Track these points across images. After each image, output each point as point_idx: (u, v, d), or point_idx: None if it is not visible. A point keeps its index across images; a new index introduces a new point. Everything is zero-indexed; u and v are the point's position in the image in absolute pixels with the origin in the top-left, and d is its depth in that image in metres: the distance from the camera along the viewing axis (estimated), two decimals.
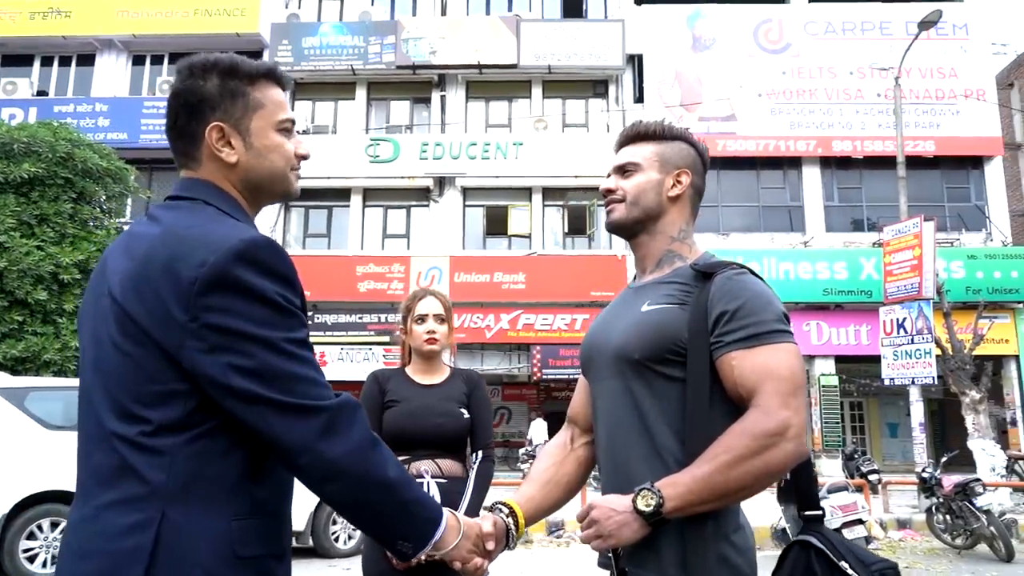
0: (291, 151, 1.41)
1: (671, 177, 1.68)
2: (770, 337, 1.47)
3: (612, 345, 1.61)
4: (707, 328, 1.49)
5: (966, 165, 18.54)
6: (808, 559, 1.48)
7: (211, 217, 1.30)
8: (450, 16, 19.61)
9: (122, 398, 1.21)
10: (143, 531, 1.16)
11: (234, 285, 1.19)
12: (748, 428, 1.40)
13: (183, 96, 1.35)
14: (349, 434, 1.24)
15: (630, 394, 1.56)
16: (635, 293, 1.68)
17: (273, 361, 1.20)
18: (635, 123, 1.75)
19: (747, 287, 1.52)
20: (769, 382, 1.42)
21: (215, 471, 1.21)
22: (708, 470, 1.39)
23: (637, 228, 1.69)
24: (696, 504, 1.40)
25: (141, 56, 19.84)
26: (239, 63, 1.37)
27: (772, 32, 18.95)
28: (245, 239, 1.22)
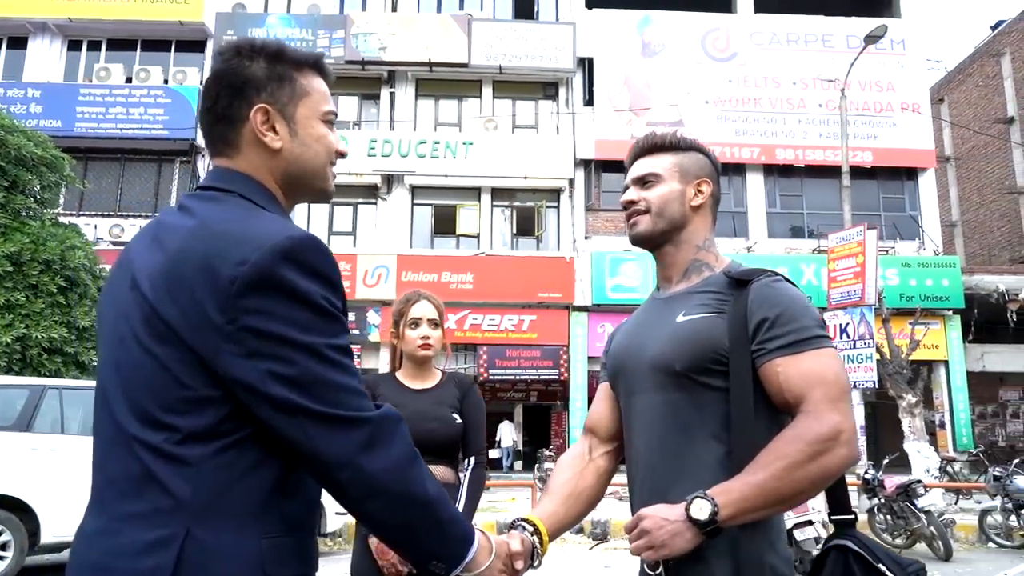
0: (333, 145, 1.34)
1: (692, 187, 1.68)
2: (813, 343, 1.46)
3: (648, 357, 1.59)
4: (747, 336, 1.48)
5: (901, 176, 19.20)
6: (847, 562, 1.47)
7: (250, 212, 1.20)
8: (401, 12, 19.42)
9: (146, 402, 1.11)
10: (165, 549, 1.06)
11: (277, 286, 1.10)
12: (801, 434, 1.39)
13: (226, 77, 1.26)
14: (390, 448, 1.15)
15: (671, 406, 1.54)
16: (665, 304, 1.66)
17: (315, 369, 1.11)
18: (649, 135, 1.75)
19: (785, 293, 1.52)
20: (817, 387, 1.42)
21: (245, 484, 1.11)
22: (763, 477, 1.37)
23: (662, 239, 1.68)
24: (750, 511, 1.38)
25: (77, 41, 19.11)
26: (286, 48, 1.30)
27: (719, 40, 19.30)
28: (291, 236, 1.13)
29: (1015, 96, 23.30)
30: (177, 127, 17.86)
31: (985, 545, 9.79)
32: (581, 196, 18.69)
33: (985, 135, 23.05)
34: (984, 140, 23.80)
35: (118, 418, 1.13)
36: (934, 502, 9.41)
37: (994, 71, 24.22)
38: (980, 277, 18.14)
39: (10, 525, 6.64)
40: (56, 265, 10.79)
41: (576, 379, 17.74)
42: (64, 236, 11.27)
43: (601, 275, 17.80)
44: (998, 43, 24.28)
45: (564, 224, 18.69)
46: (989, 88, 24.38)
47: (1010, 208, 23.39)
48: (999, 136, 23.04)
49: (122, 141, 18.03)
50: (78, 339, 10.92)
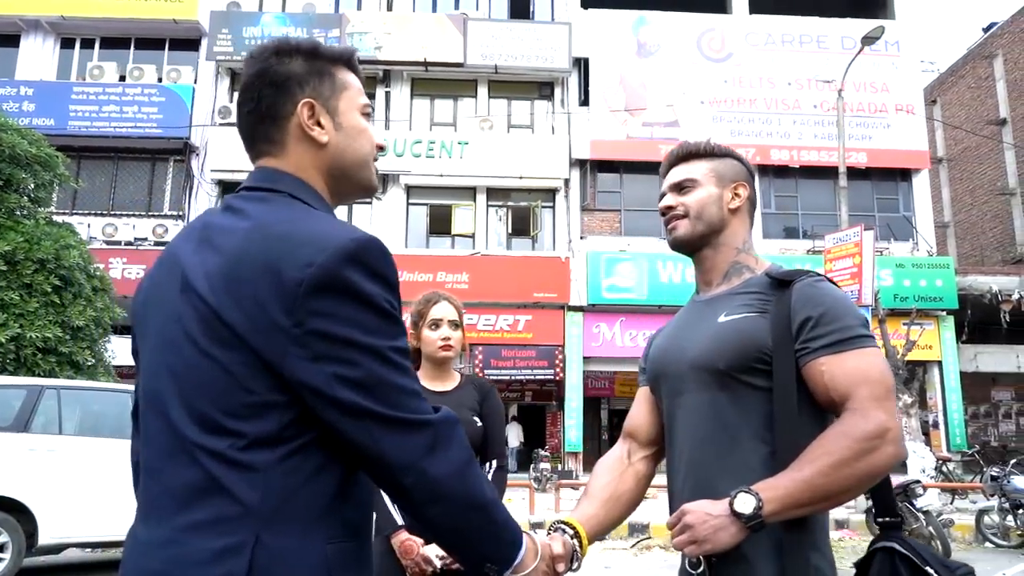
0: (373, 138, 1.34)
1: (729, 190, 1.71)
2: (857, 342, 1.47)
3: (691, 357, 1.60)
4: (791, 335, 1.50)
5: (895, 177, 19.26)
6: (893, 564, 1.47)
7: (306, 212, 1.20)
8: (396, 12, 19.37)
9: (207, 408, 1.09)
10: (235, 557, 1.04)
11: (343, 288, 1.09)
12: (848, 431, 1.39)
13: (267, 75, 1.26)
14: (451, 452, 1.14)
15: (714, 406, 1.55)
16: (705, 306, 1.68)
17: (380, 371, 1.10)
18: (683, 143, 1.78)
19: (828, 293, 1.53)
20: (863, 386, 1.42)
21: (309, 490, 1.10)
22: (809, 473, 1.37)
23: (702, 243, 1.70)
24: (794, 507, 1.38)
25: (70, 39, 18.96)
26: (321, 45, 1.30)
27: (714, 41, 19.32)
28: (355, 238, 1.12)
29: (1007, 98, 23.43)
30: (171, 126, 17.77)
31: (982, 545, 9.84)
32: (576, 196, 18.68)
33: (978, 135, 23.17)
34: (976, 141, 23.93)
35: (176, 425, 1.11)
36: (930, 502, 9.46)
37: (986, 73, 24.35)
38: (973, 278, 18.23)
39: (7, 527, 6.58)
40: (50, 264, 10.71)
41: (571, 379, 17.73)
42: (58, 235, 11.19)
43: (596, 275, 17.79)
44: (990, 45, 24.41)
45: (559, 224, 18.68)
46: (981, 90, 24.51)
47: (1002, 209, 23.52)
48: (991, 137, 23.16)
49: (115, 140, 17.90)
50: (72, 339, 10.84)
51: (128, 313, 1.33)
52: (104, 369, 11.72)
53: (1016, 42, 23.29)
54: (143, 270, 16.91)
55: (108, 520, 7.03)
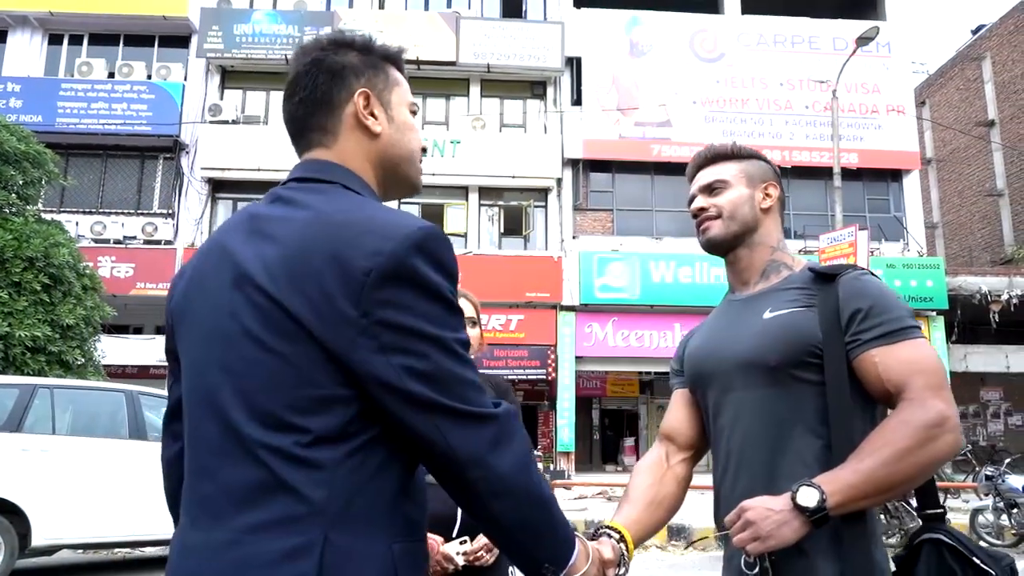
0: (420, 136, 1.34)
1: (760, 190, 1.71)
2: (908, 332, 1.47)
3: (738, 355, 1.59)
4: (840, 328, 1.49)
5: (886, 178, 19.35)
6: (941, 555, 1.47)
7: (365, 202, 1.17)
8: (388, 10, 19.30)
9: (270, 404, 1.05)
10: (305, 557, 1.00)
11: (411, 278, 1.06)
12: (908, 420, 1.38)
13: (324, 63, 1.25)
14: (514, 446, 1.11)
15: (765, 402, 1.54)
16: (745, 304, 1.67)
17: (447, 364, 1.08)
18: (710, 146, 1.78)
19: (875, 286, 1.53)
20: (918, 376, 1.42)
21: (374, 488, 1.07)
22: (871, 464, 1.36)
23: (736, 243, 1.70)
24: (858, 499, 1.36)
25: (58, 35, 18.75)
26: (373, 40, 1.31)
27: (707, 41, 19.34)
28: (422, 227, 1.10)
29: (995, 99, 23.60)
30: (161, 123, 17.61)
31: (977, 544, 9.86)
32: (569, 196, 18.65)
33: (968, 135, 23.33)
34: (965, 143, 24.09)
35: (235, 423, 1.07)
36: None
37: (975, 75, 24.51)
38: (963, 278, 18.32)
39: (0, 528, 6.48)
40: (40, 262, 10.60)
41: (563, 379, 17.71)
42: (48, 233, 11.08)
43: (589, 275, 17.77)
44: (979, 47, 24.58)
45: (552, 224, 18.65)
46: (970, 91, 24.68)
47: (990, 210, 23.69)
48: (980, 138, 23.32)
49: (104, 137, 17.72)
50: (62, 337, 10.74)
51: (166, 310, 1.28)
52: (94, 368, 11.61)
53: (1004, 44, 23.46)
54: (132, 269, 16.77)
55: (102, 521, 6.94)
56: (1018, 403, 20.88)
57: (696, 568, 7.78)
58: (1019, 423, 20.90)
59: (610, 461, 21.94)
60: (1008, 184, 23.08)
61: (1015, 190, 22.81)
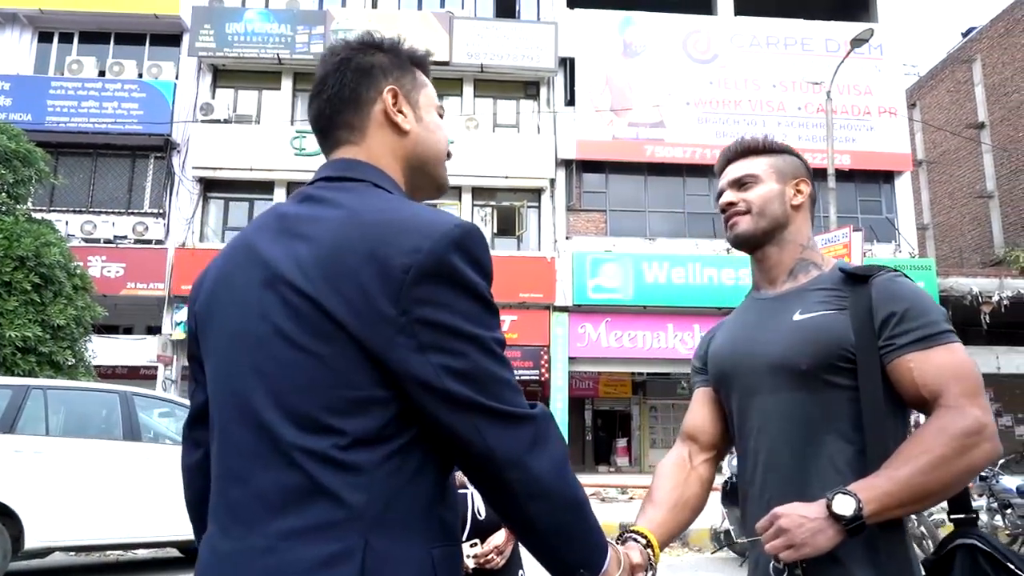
0: (447, 138, 1.34)
1: (791, 186, 1.67)
2: (943, 337, 1.44)
3: (769, 357, 1.55)
4: (874, 332, 1.46)
5: (878, 179, 19.44)
6: (975, 561, 1.43)
7: (399, 200, 1.15)
8: (381, 9, 19.24)
9: (307, 406, 1.03)
10: (346, 562, 0.98)
11: (450, 276, 1.05)
12: (946, 427, 1.36)
13: (354, 61, 1.25)
14: (551, 447, 1.09)
15: (796, 407, 1.50)
16: (773, 304, 1.63)
17: (485, 363, 1.06)
18: (740, 140, 1.74)
19: (909, 289, 1.50)
20: (954, 382, 1.40)
21: (412, 491, 1.06)
22: (908, 472, 1.33)
23: (765, 239, 1.66)
24: (894, 508, 1.34)
25: (48, 33, 18.60)
26: (401, 43, 1.31)
27: (700, 42, 19.38)
28: (459, 225, 1.08)
29: (985, 101, 23.74)
30: (152, 122, 17.50)
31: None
32: (562, 196, 18.65)
33: (960, 137, 23.46)
34: (955, 145, 24.22)
35: (269, 425, 1.04)
36: None
37: (965, 77, 24.65)
38: (954, 280, 18.41)
39: None
40: (30, 262, 10.48)
41: (556, 380, 17.69)
42: (38, 232, 10.96)
43: (582, 275, 17.77)
44: (969, 49, 24.71)
45: (545, 224, 18.63)
46: (960, 93, 24.81)
47: (980, 212, 23.82)
48: (971, 139, 23.46)
49: (95, 136, 17.60)
50: (53, 338, 10.62)
51: (189, 313, 1.25)
52: (85, 369, 11.49)
53: (995, 47, 23.61)
54: (123, 268, 16.65)
55: (96, 523, 6.87)
56: (1009, 404, 21.00)
57: (693, 569, 7.77)
58: (1010, 424, 21.03)
59: (603, 462, 21.94)
60: (998, 186, 23.22)
61: (1005, 192, 22.95)
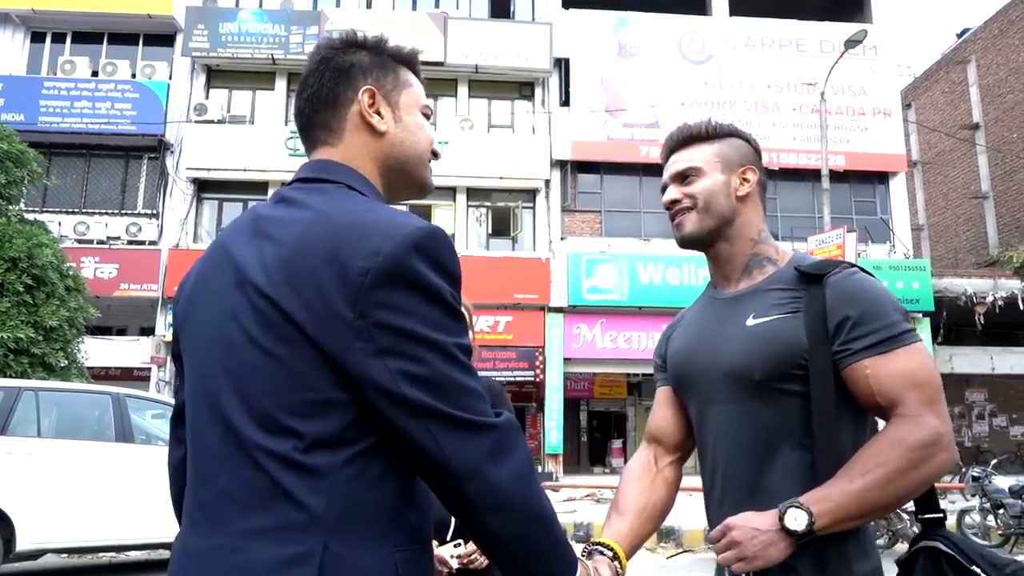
0: (432, 138, 1.31)
1: (737, 176, 1.58)
2: (902, 339, 1.38)
3: (723, 365, 1.50)
4: (827, 336, 1.39)
5: (872, 180, 19.46)
6: (938, 565, 1.39)
7: (368, 202, 1.14)
8: (375, 10, 19.21)
9: (269, 407, 1.02)
10: (303, 566, 0.98)
11: (411, 280, 1.03)
12: (902, 439, 1.31)
13: (332, 61, 1.24)
14: (514, 458, 1.06)
15: (750, 416, 1.46)
16: (728, 305, 1.56)
17: (445, 369, 1.04)
18: (682, 127, 1.65)
19: (865, 287, 1.42)
20: (912, 390, 1.34)
21: (374, 495, 1.04)
22: (861, 485, 1.30)
23: (713, 237, 1.57)
24: (846, 520, 1.31)
25: (41, 33, 18.52)
26: (385, 41, 1.29)
27: (695, 43, 19.39)
28: (422, 228, 1.06)
29: (980, 102, 23.81)
30: (145, 123, 17.43)
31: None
32: (557, 197, 18.63)
33: (954, 138, 23.51)
34: (950, 146, 24.28)
35: (235, 426, 1.04)
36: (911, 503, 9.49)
37: (960, 78, 24.72)
38: (949, 280, 18.44)
39: None
40: (23, 263, 10.44)
41: (551, 381, 17.67)
42: (31, 233, 10.92)
43: (577, 276, 17.75)
44: (964, 50, 24.79)
45: (540, 225, 18.62)
46: (955, 94, 24.88)
47: (975, 212, 23.89)
48: (965, 140, 23.51)
49: (88, 136, 17.54)
50: (45, 339, 10.57)
51: (173, 313, 1.24)
52: (77, 370, 11.44)
53: (989, 48, 23.67)
54: (116, 269, 16.58)
55: (88, 525, 6.83)
56: (1003, 404, 21.07)
57: (686, 571, 7.76)
58: (1004, 424, 21.09)
59: (598, 463, 21.91)
60: (992, 187, 23.28)
61: (999, 193, 23.01)
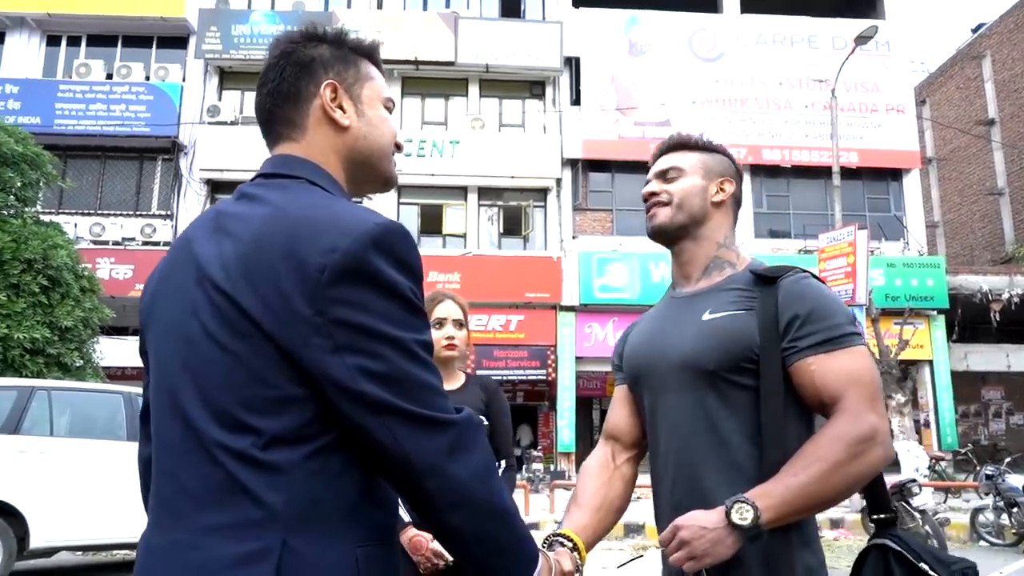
0: (395, 131, 1.31)
1: (715, 184, 1.69)
2: (846, 340, 1.46)
3: (677, 356, 1.57)
4: (778, 333, 1.48)
5: (886, 177, 19.32)
6: (887, 562, 1.45)
7: (327, 198, 1.14)
8: (386, 10, 19.28)
9: (227, 403, 1.03)
10: (261, 562, 0.98)
11: (368, 276, 1.03)
12: (841, 435, 1.38)
13: (293, 55, 1.24)
14: (474, 454, 1.07)
15: (701, 406, 1.53)
16: (686, 302, 1.65)
17: (404, 366, 1.04)
18: (675, 134, 1.77)
19: (815, 290, 1.51)
20: (853, 388, 1.42)
21: (335, 492, 1.04)
22: (803, 479, 1.36)
23: (681, 233, 1.68)
24: (790, 514, 1.37)
25: (56, 36, 18.72)
26: (346, 34, 1.30)
27: (706, 41, 19.32)
28: (380, 223, 1.07)
29: (995, 98, 23.58)
30: (159, 124, 17.59)
31: (977, 544, 9.85)
32: (568, 196, 18.63)
33: (969, 134, 23.31)
34: (965, 142, 24.07)
35: (194, 422, 1.05)
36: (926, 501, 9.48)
37: (975, 73, 24.49)
38: (964, 277, 18.29)
39: None
40: (38, 264, 10.57)
41: (563, 379, 17.68)
42: (46, 235, 11.05)
43: (588, 275, 17.75)
44: (979, 46, 24.55)
45: (551, 224, 18.63)
46: (970, 90, 24.65)
47: (991, 209, 23.67)
48: (981, 136, 23.30)
49: (103, 138, 17.70)
50: (60, 340, 10.70)
51: (138, 311, 1.26)
52: (93, 370, 11.58)
53: (1004, 43, 23.44)
54: (131, 270, 16.73)
55: (100, 523, 6.92)
56: (1019, 402, 20.86)
57: None
58: (1020, 422, 20.88)
59: None
60: (1008, 183, 23.06)
61: (1015, 189, 22.79)
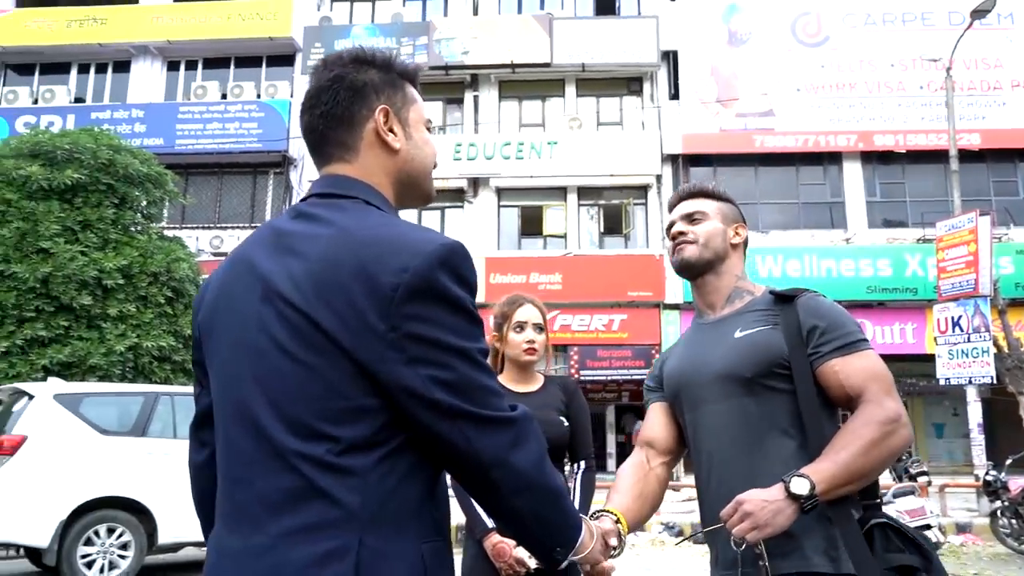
0: (435, 151, 1.39)
1: (732, 228, 1.97)
2: (860, 345, 1.74)
3: (714, 369, 1.82)
4: (803, 342, 1.75)
5: (1013, 158, 18.08)
6: (888, 535, 1.64)
7: (387, 218, 1.22)
8: (482, 16, 19.52)
9: (302, 414, 1.10)
10: (341, 559, 1.06)
11: (437, 293, 1.12)
12: (872, 418, 1.62)
13: (346, 79, 1.29)
14: (531, 445, 1.20)
15: (740, 410, 1.77)
16: (714, 327, 1.91)
17: (470, 373, 1.15)
18: (693, 184, 2.09)
19: (828, 305, 1.81)
20: (873, 382, 1.69)
21: (403, 492, 1.13)
22: (846, 456, 1.58)
23: (706, 268, 1.93)
24: (840, 486, 1.57)
25: (176, 62, 19.98)
26: (394, 58, 1.35)
27: (810, 25, 18.63)
28: (445, 244, 1.15)
29: None
30: (270, 139, 18.43)
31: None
32: (669, 192, 18.32)
33: None
34: None
35: (268, 432, 1.12)
36: None
37: None
38: None
39: (130, 527, 6.95)
40: (163, 277, 11.28)
41: None
42: (169, 249, 11.78)
43: None
44: None
45: (652, 221, 18.39)
46: None
47: None
48: None
49: (219, 156, 18.74)
50: (185, 347, 11.37)
51: (193, 322, 1.34)
52: None
53: None
54: None
55: None
56: None
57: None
58: None
59: None
60: None
61: None
